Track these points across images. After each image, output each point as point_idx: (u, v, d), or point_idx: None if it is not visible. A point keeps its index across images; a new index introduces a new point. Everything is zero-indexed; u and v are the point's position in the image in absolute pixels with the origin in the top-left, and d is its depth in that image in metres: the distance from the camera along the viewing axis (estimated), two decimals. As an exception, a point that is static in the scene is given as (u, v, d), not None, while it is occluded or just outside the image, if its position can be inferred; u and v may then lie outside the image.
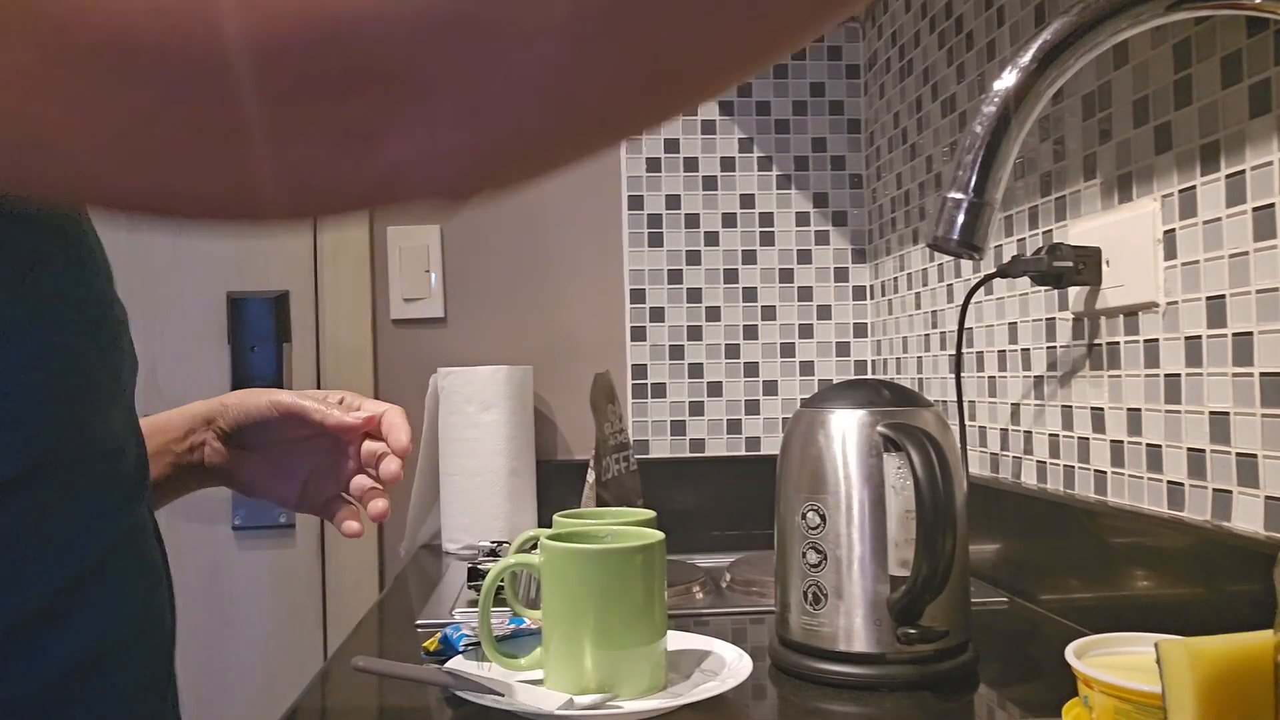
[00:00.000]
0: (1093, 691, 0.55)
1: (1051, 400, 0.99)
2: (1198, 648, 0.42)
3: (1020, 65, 0.61)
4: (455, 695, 0.71)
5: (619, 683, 0.70)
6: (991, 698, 0.73)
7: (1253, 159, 0.70)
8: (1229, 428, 0.73)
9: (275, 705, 1.50)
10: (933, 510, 0.69)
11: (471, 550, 1.31)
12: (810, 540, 0.75)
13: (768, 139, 1.57)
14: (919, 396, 0.78)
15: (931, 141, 1.29)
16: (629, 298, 1.55)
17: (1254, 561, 0.68)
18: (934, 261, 1.29)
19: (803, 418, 0.78)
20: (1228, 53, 0.72)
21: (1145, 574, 0.80)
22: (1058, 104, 0.96)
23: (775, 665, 0.79)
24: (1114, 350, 0.88)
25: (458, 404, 1.38)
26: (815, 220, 1.57)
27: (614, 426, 1.31)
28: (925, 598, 0.71)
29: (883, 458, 0.73)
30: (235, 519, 1.53)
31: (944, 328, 1.27)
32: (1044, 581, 0.96)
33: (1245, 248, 0.71)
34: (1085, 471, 0.93)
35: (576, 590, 0.70)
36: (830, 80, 1.57)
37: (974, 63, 1.15)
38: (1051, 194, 0.98)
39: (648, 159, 1.55)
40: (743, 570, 1.11)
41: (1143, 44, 0.82)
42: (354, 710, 0.74)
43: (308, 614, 1.54)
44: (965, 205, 0.61)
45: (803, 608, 0.76)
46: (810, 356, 1.57)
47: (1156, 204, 0.81)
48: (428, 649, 0.81)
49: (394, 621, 1.01)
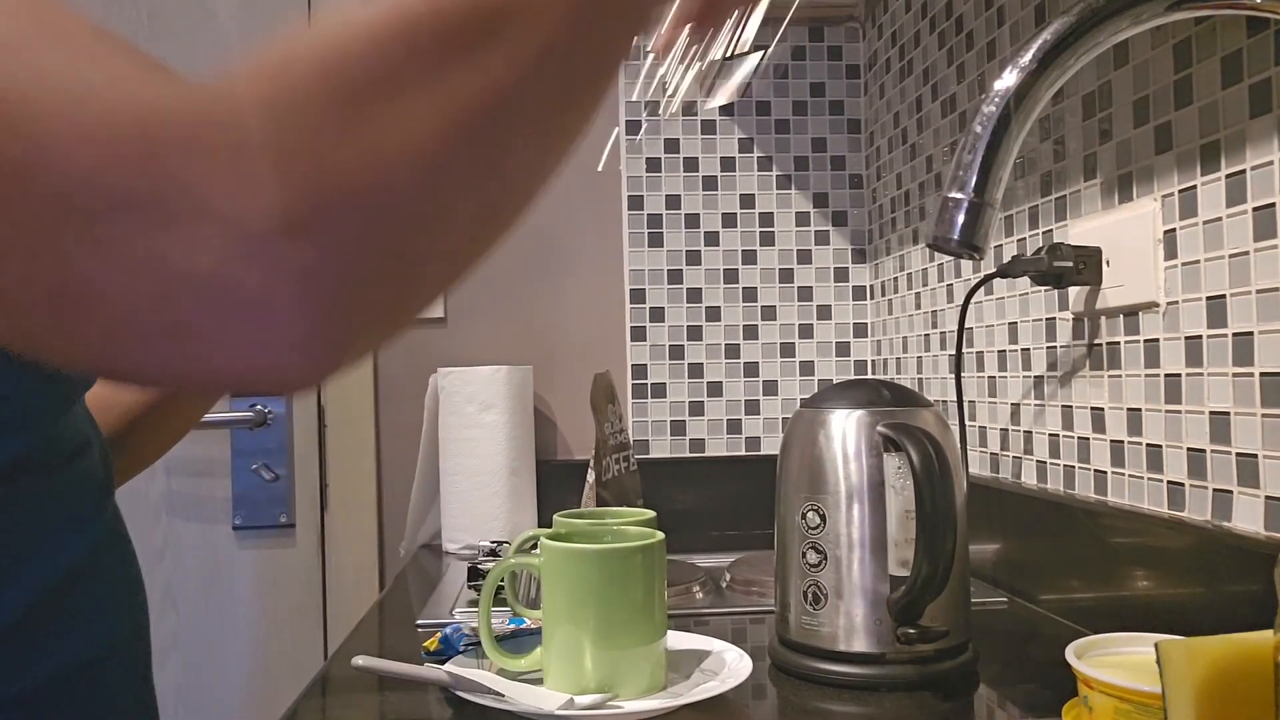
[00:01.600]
0: (1093, 691, 0.55)
1: (1051, 400, 0.99)
2: (1198, 648, 0.42)
3: (1020, 65, 0.60)
4: (455, 695, 0.71)
5: (619, 683, 0.70)
6: (991, 698, 0.73)
7: (1253, 159, 0.70)
8: (1229, 428, 0.73)
9: (275, 705, 1.50)
10: (933, 510, 0.69)
11: (471, 550, 1.31)
12: (810, 540, 0.75)
13: (768, 139, 1.57)
14: (919, 396, 0.78)
15: (931, 141, 1.29)
16: (629, 298, 1.55)
17: (1254, 561, 0.68)
18: (934, 261, 1.29)
19: (803, 418, 0.78)
20: (1228, 53, 0.72)
21: (1145, 574, 0.80)
22: (1058, 104, 0.96)
23: (775, 665, 0.79)
24: (1114, 350, 0.88)
25: (458, 404, 1.38)
26: (815, 220, 1.57)
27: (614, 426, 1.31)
28: (925, 598, 0.71)
29: (883, 458, 0.73)
30: (235, 519, 1.53)
31: (944, 328, 1.27)
32: (1044, 581, 0.96)
33: (1245, 247, 0.71)
34: (1085, 471, 0.93)
35: (576, 590, 0.70)
36: (830, 80, 1.57)
37: (974, 63, 1.15)
38: (1051, 194, 0.98)
39: (648, 159, 1.55)
40: (743, 570, 1.11)
41: (1143, 44, 0.82)
42: (354, 710, 0.74)
43: (308, 614, 1.55)
44: (965, 205, 0.61)
45: (802, 607, 0.76)
46: (810, 356, 1.57)
47: (1157, 204, 0.81)
48: (428, 649, 0.81)
49: (394, 621, 1.01)
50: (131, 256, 0.29)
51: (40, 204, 0.28)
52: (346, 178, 0.31)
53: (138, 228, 0.28)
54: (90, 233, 0.28)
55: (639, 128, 1.55)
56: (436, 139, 0.32)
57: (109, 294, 0.29)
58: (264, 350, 0.30)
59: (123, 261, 0.29)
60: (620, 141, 1.56)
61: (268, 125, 0.30)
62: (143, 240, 0.29)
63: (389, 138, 0.31)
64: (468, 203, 0.34)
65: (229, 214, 0.29)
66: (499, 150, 0.35)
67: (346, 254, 0.31)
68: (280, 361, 0.31)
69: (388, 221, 0.32)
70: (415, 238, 0.33)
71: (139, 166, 0.28)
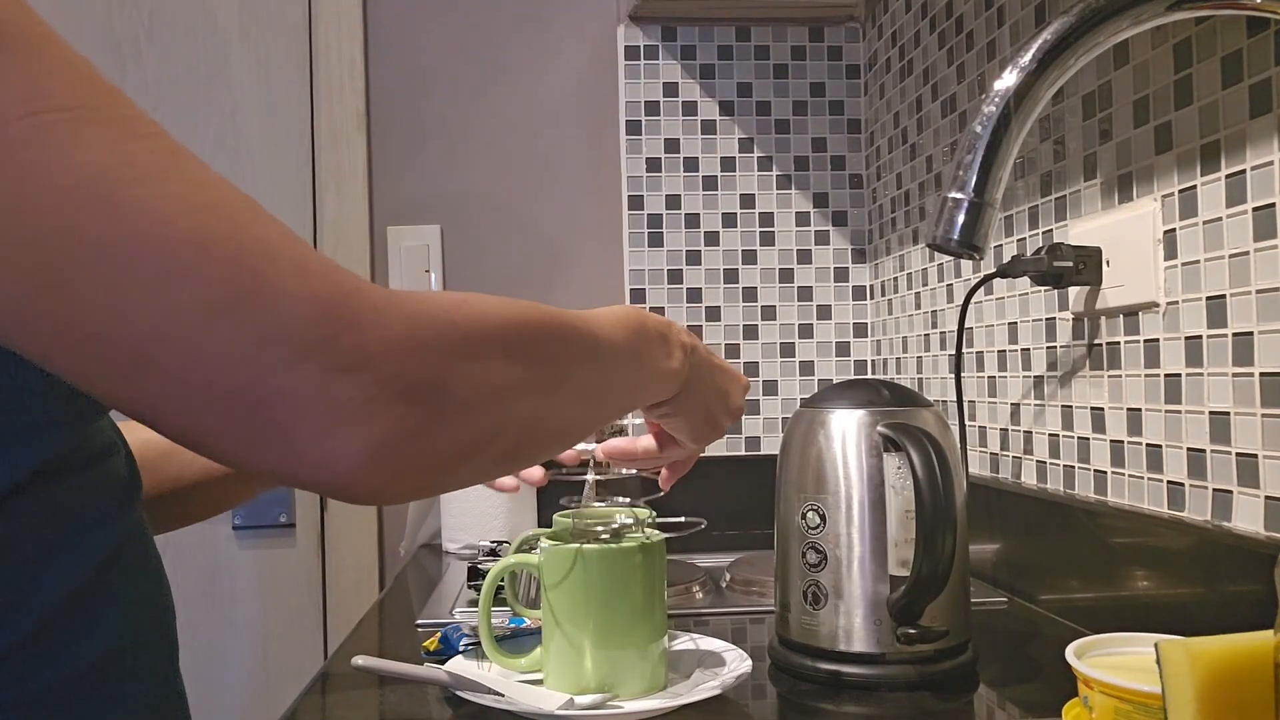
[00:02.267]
0: (1093, 691, 0.55)
1: (1051, 400, 0.99)
2: (1198, 648, 0.42)
3: (1020, 65, 0.60)
4: (455, 695, 0.71)
5: (619, 683, 0.70)
6: (991, 698, 0.73)
7: (1253, 159, 0.70)
8: (1229, 428, 0.73)
9: (275, 705, 1.50)
10: (933, 510, 0.69)
11: (471, 550, 1.31)
12: (810, 540, 0.75)
13: (768, 139, 1.57)
14: (919, 396, 0.78)
15: (931, 141, 1.29)
16: (629, 298, 1.55)
17: (1254, 561, 0.68)
18: (934, 261, 1.29)
19: (803, 418, 0.78)
20: (1228, 53, 0.72)
21: (1145, 574, 0.80)
22: (1058, 104, 0.96)
23: (775, 665, 0.79)
24: (1114, 350, 0.88)
25: (458, 404, 1.38)
26: (815, 220, 1.57)
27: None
28: (925, 598, 0.71)
29: (883, 458, 0.73)
30: (235, 519, 1.53)
31: (944, 328, 1.27)
32: (1044, 581, 0.96)
33: (1245, 247, 0.71)
34: (1085, 471, 0.93)
35: (576, 590, 0.70)
36: (830, 80, 1.57)
37: (974, 63, 1.15)
38: (1051, 194, 0.98)
39: (648, 159, 1.55)
40: (743, 570, 1.11)
41: (1143, 44, 0.82)
42: (354, 710, 0.74)
43: (308, 614, 1.55)
44: (965, 205, 0.61)
45: (802, 607, 0.76)
46: (810, 356, 1.57)
47: (1157, 204, 0.81)
48: (428, 649, 0.81)
49: (394, 621, 1.01)
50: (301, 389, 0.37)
51: (248, 337, 0.36)
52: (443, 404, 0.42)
53: (319, 371, 0.37)
54: (286, 370, 0.37)
55: (639, 127, 1.55)
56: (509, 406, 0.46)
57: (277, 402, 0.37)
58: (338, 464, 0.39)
59: (296, 389, 0.37)
60: (620, 141, 1.56)
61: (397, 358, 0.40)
62: (318, 379, 0.37)
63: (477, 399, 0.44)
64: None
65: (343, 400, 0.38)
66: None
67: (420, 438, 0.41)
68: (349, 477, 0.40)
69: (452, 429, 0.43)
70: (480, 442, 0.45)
71: (333, 324, 0.38)
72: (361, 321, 0.39)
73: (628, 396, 0.61)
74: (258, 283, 0.36)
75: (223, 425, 0.37)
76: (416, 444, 0.40)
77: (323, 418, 0.38)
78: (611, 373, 0.57)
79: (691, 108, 1.56)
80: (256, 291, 0.36)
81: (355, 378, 0.38)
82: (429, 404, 0.41)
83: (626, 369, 0.59)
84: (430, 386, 0.41)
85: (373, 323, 0.39)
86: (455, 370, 0.42)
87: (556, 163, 1.59)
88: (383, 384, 0.39)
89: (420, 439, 0.41)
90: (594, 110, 1.59)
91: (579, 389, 0.53)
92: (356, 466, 0.39)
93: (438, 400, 0.41)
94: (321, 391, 0.37)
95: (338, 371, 0.37)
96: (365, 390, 0.38)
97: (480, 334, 0.45)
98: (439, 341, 0.42)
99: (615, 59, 1.57)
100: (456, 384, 0.42)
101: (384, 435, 0.39)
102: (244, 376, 0.36)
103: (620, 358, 0.58)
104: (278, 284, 0.37)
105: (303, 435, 0.38)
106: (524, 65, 1.59)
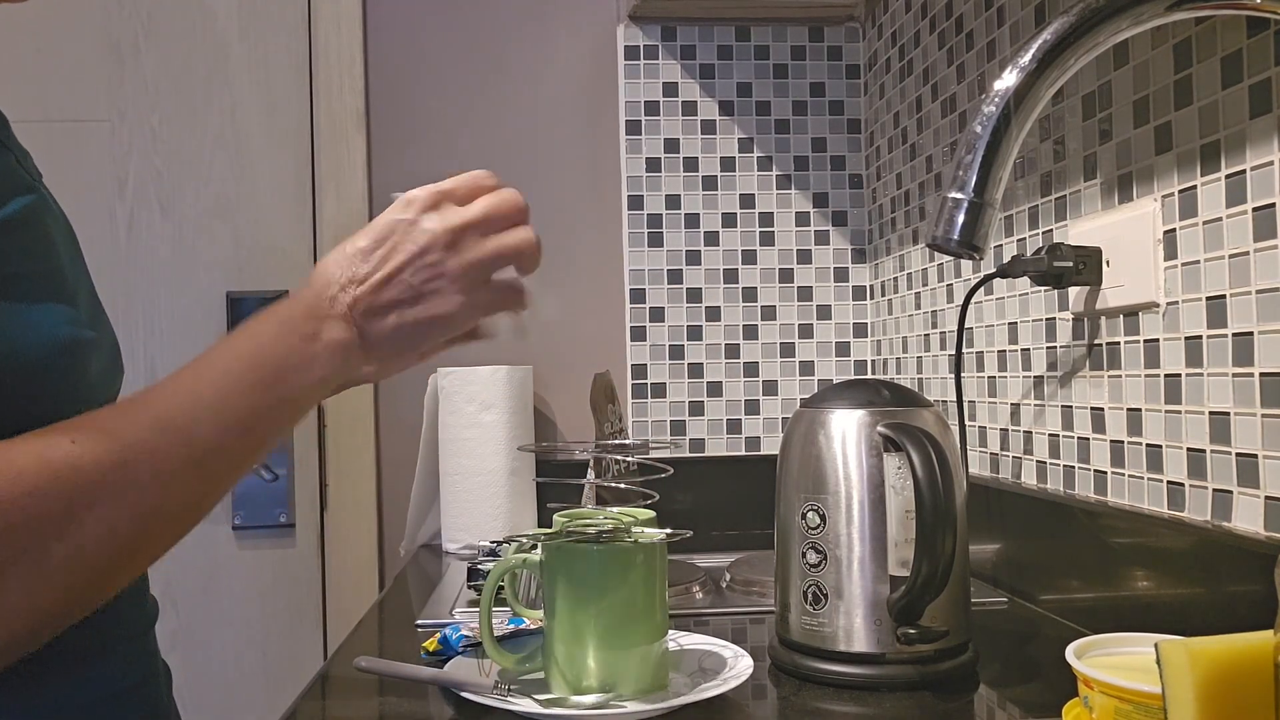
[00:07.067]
0: (1093, 691, 0.55)
1: (1051, 400, 0.99)
2: (1198, 648, 0.42)
3: (1020, 65, 0.60)
4: (455, 695, 0.71)
5: (619, 683, 0.70)
6: (991, 698, 0.73)
7: (1253, 159, 0.70)
8: (1229, 428, 0.73)
9: (275, 705, 1.50)
10: (933, 510, 0.69)
11: (471, 550, 1.31)
12: (810, 540, 0.75)
13: (768, 139, 1.57)
14: (919, 396, 0.78)
15: (931, 141, 1.29)
16: (629, 298, 1.55)
17: (1254, 561, 0.68)
18: (934, 261, 1.29)
19: (803, 418, 0.78)
20: (1228, 53, 0.73)
21: (1145, 574, 0.80)
22: (1058, 104, 0.96)
23: (775, 665, 0.79)
24: (1114, 350, 0.88)
25: (457, 404, 1.38)
26: (815, 220, 1.57)
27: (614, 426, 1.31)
28: (925, 598, 0.71)
29: (883, 458, 0.73)
30: (235, 519, 1.53)
31: (944, 328, 1.27)
32: (1044, 581, 0.96)
33: (1245, 248, 0.71)
34: (1085, 471, 0.93)
35: (577, 590, 0.70)
36: (830, 80, 1.57)
37: (974, 63, 1.15)
38: (1051, 194, 0.98)
39: (648, 159, 1.55)
40: (743, 570, 1.11)
41: (1143, 44, 0.82)
42: (354, 710, 0.74)
43: (308, 614, 1.54)
44: (965, 205, 0.61)
45: (803, 607, 0.76)
46: (810, 356, 1.57)
47: (1157, 204, 0.81)
48: (428, 649, 0.81)
49: (394, 621, 1.01)
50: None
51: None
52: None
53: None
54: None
55: (639, 127, 1.55)
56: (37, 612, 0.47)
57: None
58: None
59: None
60: (620, 141, 1.56)
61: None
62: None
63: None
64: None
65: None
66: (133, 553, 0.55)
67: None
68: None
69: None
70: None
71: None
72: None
73: (252, 439, 0.58)
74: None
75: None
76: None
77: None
78: (204, 457, 0.55)
79: (691, 108, 1.56)
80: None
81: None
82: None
83: (231, 437, 0.56)
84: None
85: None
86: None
87: (556, 162, 1.59)
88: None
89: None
90: (594, 110, 1.59)
91: (119, 514, 0.51)
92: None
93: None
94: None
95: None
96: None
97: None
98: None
99: (615, 59, 1.57)
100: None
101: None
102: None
103: (212, 437, 0.55)
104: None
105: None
106: (524, 65, 1.59)
